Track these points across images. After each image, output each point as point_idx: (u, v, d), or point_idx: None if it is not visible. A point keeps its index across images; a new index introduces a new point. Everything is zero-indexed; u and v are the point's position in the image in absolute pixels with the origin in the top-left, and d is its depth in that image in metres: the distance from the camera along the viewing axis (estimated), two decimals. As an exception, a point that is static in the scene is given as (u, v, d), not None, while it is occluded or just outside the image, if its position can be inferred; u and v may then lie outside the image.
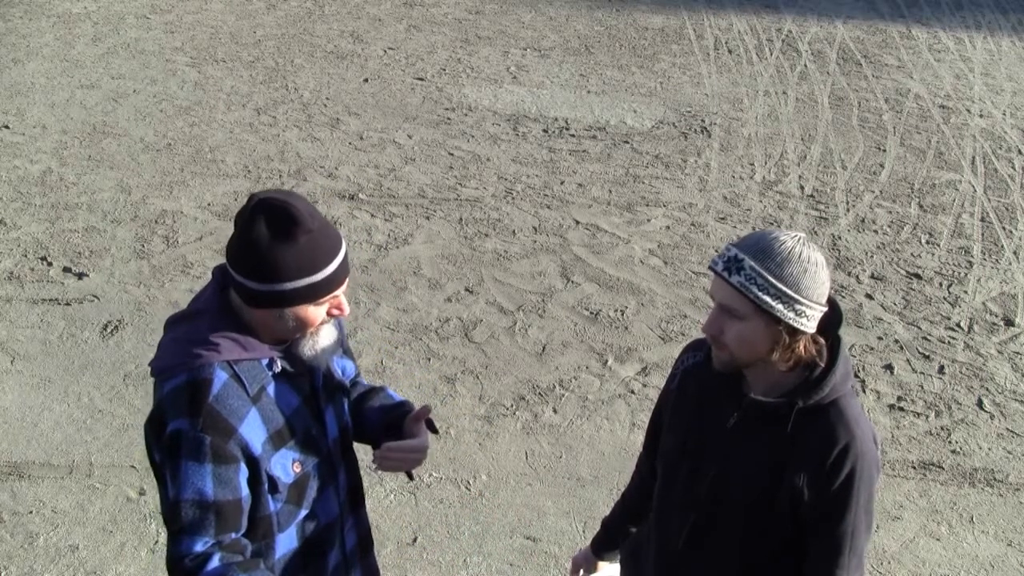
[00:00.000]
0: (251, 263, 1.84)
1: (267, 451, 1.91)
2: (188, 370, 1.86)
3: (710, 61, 9.47)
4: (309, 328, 1.94)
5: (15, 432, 4.28)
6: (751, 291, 1.87)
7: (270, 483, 1.93)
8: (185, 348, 1.88)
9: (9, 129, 7.43)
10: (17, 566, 3.60)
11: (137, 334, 4.97)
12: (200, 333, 1.89)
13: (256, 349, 1.91)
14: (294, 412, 1.98)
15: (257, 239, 1.83)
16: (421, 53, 9.48)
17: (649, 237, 6.11)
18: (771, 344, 1.92)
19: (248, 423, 1.88)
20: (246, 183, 6.64)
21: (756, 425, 2.00)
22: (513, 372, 4.79)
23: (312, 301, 1.89)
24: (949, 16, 11.22)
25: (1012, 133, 7.90)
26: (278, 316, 1.90)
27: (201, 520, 1.85)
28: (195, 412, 1.83)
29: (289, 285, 1.85)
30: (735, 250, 1.92)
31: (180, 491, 1.85)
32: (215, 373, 1.86)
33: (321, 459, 2.04)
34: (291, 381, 1.98)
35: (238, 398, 1.87)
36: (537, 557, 3.74)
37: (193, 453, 1.83)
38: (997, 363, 4.97)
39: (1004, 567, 3.78)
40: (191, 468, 1.83)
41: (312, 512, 2.05)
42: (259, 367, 1.92)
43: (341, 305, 1.96)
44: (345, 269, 1.93)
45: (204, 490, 1.84)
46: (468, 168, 7.00)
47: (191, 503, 1.84)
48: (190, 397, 1.84)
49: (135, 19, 10.28)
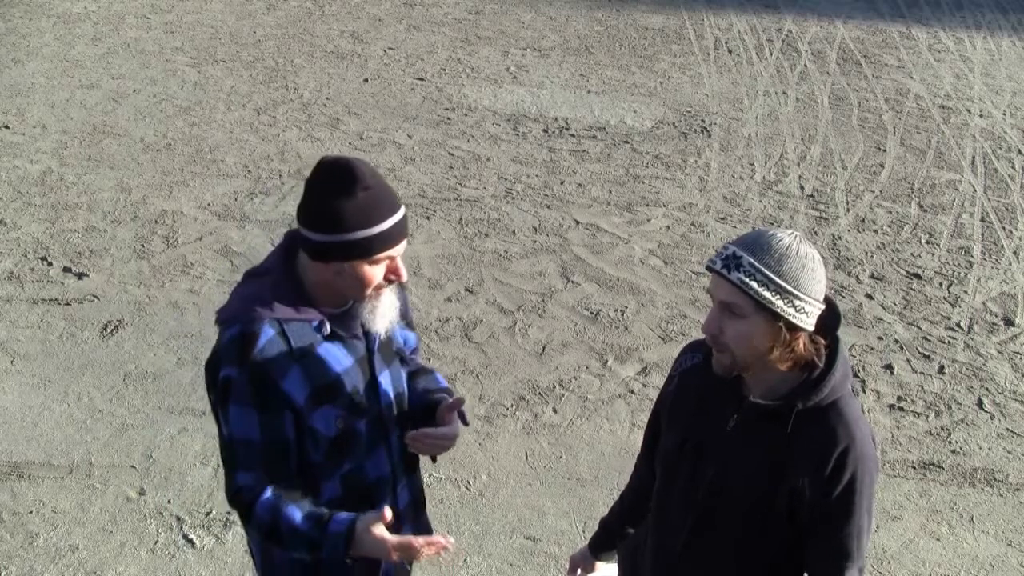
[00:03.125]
0: (313, 215, 1.99)
1: (309, 405, 2.05)
2: (242, 323, 2.02)
3: (710, 61, 9.47)
4: (367, 288, 2.05)
5: (15, 432, 4.28)
6: (750, 287, 1.88)
7: (311, 434, 2.07)
8: (245, 303, 2.05)
9: (9, 129, 7.43)
10: (17, 566, 3.61)
11: (137, 334, 4.97)
12: (262, 291, 2.05)
13: (307, 312, 2.05)
14: (344, 371, 2.10)
15: (320, 192, 1.99)
16: (421, 53, 9.48)
17: (649, 237, 6.11)
18: (771, 342, 1.92)
19: (290, 378, 2.02)
20: (246, 183, 6.65)
21: (755, 427, 2.00)
22: (513, 372, 4.80)
23: (369, 256, 2.00)
24: (949, 16, 11.22)
25: (1012, 133, 7.90)
26: (337, 272, 2.02)
27: (250, 458, 2.04)
28: (243, 361, 2.00)
29: (347, 236, 1.97)
30: (733, 248, 1.92)
31: (232, 431, 2.04)
32: (263, 328, 2.01)
33: (371, 419, 2.16)
34: (344, 343, 2.10)
35: (282, 354, 2.02)
36: (537, 557, 3.74)
37: (241, 399, 2.01)
38: (997, 363, 4.97)
39: (1004, 567, 3.78)
40: (239, 412, 2.02)
41: (361, 467, 2.18)
42: (307, 328, 2.05)
43: (398, 269, 2.07)
44: (402, 229, 2.04)
45: (251, 432, 2.02)
46: (468, 168, 7.00)
47: (241, 442, 2.03)
48: (239, 348, 2.01)
49: (135, 19, 10.28)
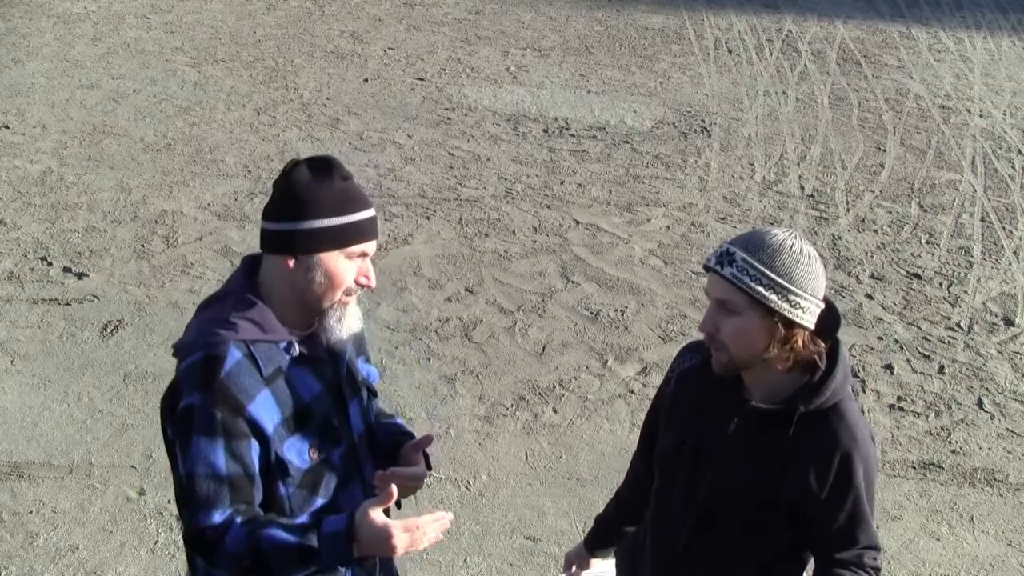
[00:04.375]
0: (289, 202, 1.91)
1: (280, 434, 1.92)
2: (204, 347, 1.89)
3: (710, 61, 9.47)
4: (338, 289, 1.95)
5: (15, 432, 4.28)
6: (743, 281, 1.88)
7: (280, 466, 1.92)
8: (205, 327, 1.92)
9: (9, 129, 7.43)
10: (17, 566, 3.60)
11: (137, 334, 4.97)
12: (222, 313, 1.92)
13: (275, 331, 1.93)
14: (314, 398, 1.98)
15: (297, 179, 1.92)
16: (421, 53, 9.48)
17: (649, 237, 6.11)
18: (767, 339, 1.91)
19: (259, 403, 1.88)
20: (246, 183, 6.65)
21: (756, 431, 1.99)
22: (513, 372, 4.80)
23: (344, 245, 1.92)
24: (949, 16, 11.21)
25: (1012, 133, 7.90)
26: (308, 269, 1.91)
27: (216, 493, 1.85)
28: (207, 387, 1.85)
29: (324, 221, 1.90)
30: (728, 245, 1.93)
31: (193, 465, 1.85)
32: (229, 351, 1.88)
33: (346, 450, 2.03)
34: (313, 367, 1.99)
35: (250, 377, 1.88)
36: (537, 557, 3.74)
37: (205, 427, 1.84)
38: (997, 363, 4.97)
39: (1004, 567, 3.78)
40: (203, 442, 1.84)
41: (334, 502, 2.02)
42: (276, 350, 1.94)
43: (368, 273, 1.98)
44: (375, 227, 1.98)
45: (216, 463, 1.84)
46: (468, 168, 7.00)
47: (205, 476, 1.84)
48: (203, 373, 1.86)
49: (135, 19, 10.27)
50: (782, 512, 2.00)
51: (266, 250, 1.97)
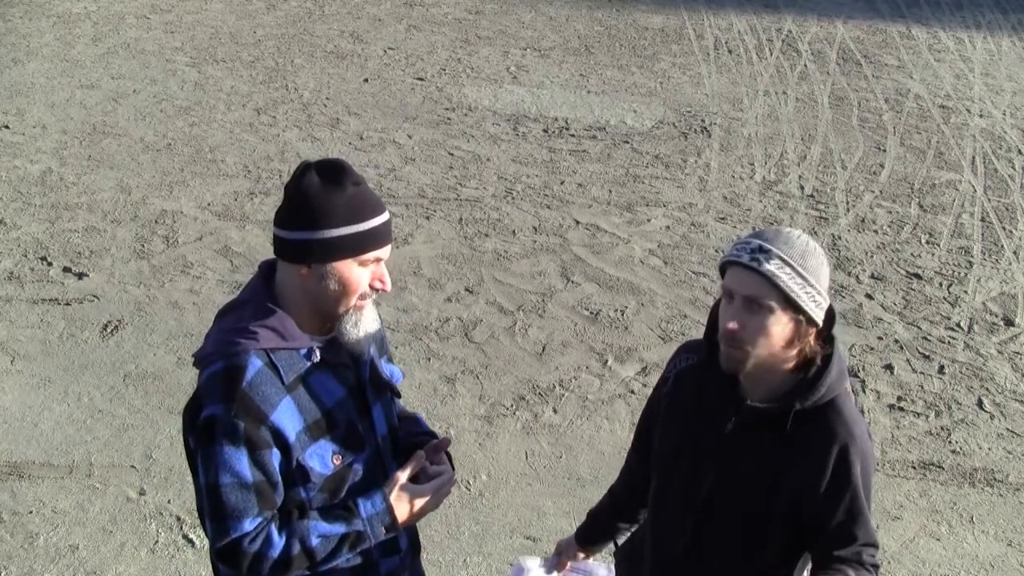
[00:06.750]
0: (301, 211, 1.88)
1: (303, 441, 1.92)
2: (225, 357, 1.89)
3: (710, 61, 9.47)
4: (353, 295, 1.93)
5: (15, 432, 4.28)
6: (781, 279, 1.86)
7: (301, 472, 1.93)
8: (225, 337, 1.92)
9: (9, 129, 7.43)
10: (17, 566, 3.61)
11: (137, 334, 4.97)
12: (241, 322, 1.92)
13: (295, 339, 1.93)
14: (336, 404, 1.98)
15: (308, 187, 1.88)
16: (421, 53, 9.48)
17: (649, 237, 6.11)
18: (789, 337, 1.91)
19: (281, 411, 1.89)
20: (246, 183, 6.64)
21: (754, 430, 1.99)
22: (513, 372, 4.80)
23: (358, 253, 1.90)
24: (949, 16, 11.21)
25: (1012, 133, 7.89)
26: (321, 277, 1.90)
27: (245, 501, 1.87)
28: (229, 398, 1.85)
29: (337, 231, 1.87)
30: (757, 242, 1.90)
31: (218, 475, 1.86)
32: (250, 360, 1.88)
33: (369, 455, 2.03)
34: (335, 372, 1.98)
35: (272, 386, 1.88)
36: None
37: (229, 437, 1.85)
38: (997, 363, 4.97)
39: (1004, 567, 3.78)
40: (228, 452, 1.85)
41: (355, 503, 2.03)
42: (296, 357, 1.93)
43: (383, 277, 1.97)
44: (390, 231, 1.96)
45: (242, 472, 1.86)
46: (468, 168, 7.00)
47: (232, 486, 1.86)
48: (225, 383, 1.86)
49: (135, 19, 10.28)
50: (781, 511, 2.00)
51: (279, 257, 1.97)
